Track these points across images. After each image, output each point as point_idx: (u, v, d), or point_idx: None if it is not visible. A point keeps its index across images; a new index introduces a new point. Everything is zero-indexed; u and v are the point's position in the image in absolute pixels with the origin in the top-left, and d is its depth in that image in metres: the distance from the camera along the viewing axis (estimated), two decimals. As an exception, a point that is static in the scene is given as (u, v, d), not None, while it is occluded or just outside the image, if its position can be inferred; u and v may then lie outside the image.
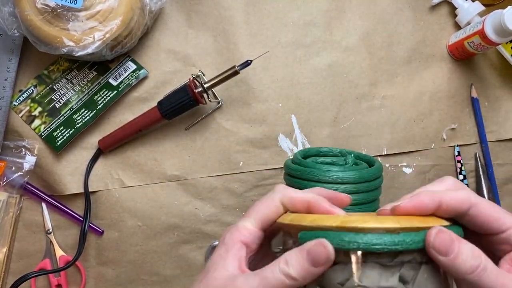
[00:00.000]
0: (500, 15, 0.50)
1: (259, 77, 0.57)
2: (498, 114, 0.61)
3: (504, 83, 0.61)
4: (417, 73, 0.60)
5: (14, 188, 0.55)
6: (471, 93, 0.60)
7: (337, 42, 0.59)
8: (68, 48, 0.49)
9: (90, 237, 0.56)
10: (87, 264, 0.56)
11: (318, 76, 0.58)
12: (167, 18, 0.58)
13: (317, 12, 0.59)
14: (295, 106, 0.58)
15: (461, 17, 0.59)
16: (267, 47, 0.58)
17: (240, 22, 0.58)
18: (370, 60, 0.59)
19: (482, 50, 0.55)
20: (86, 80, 0.56)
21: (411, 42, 0.59)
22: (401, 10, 0.60)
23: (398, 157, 0.59)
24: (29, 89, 0.56)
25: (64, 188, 0.56)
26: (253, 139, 0.57)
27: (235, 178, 0.57)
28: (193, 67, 0.57)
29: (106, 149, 0.56)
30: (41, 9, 0.48)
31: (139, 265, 0.56)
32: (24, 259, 0.56)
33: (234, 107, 0.58)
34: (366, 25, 0.59)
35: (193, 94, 0.52)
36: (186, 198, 0.57)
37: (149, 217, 0.56)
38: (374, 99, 0.59)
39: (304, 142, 0.58)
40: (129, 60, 0.57)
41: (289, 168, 0.47)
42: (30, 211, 0.56)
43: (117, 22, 0.50)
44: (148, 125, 0.55)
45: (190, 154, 0.57)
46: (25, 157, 0.55)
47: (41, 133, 0.55)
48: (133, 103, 0.57)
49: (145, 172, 0.57)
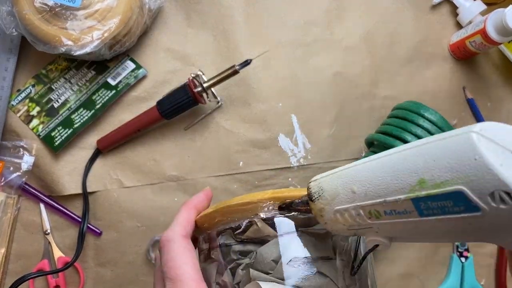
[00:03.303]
0: (502, 14, 0.50)
1: (259, 77, 0.57)
2: (500, 114, 0.60)
3: (506, 82, 0.61)
4: (418, 73, 0.59)
5: (12, 188, 0.54)
6: (465, 95, 0.60)
7: (338, 41, 0.58)
8: (66, 47, 0.48)
9: (88, 238, 0.56)
10: (86, 265, 0.56)
11: (319, 75, 0.58)
12: (166, 17, 0.58)
13: (317, 11, 0.58)
14: (296, 106, 0.57)
15: (463, 16, 0.58)
16: (267, 46, 0.57)
17: (240, 21, 0.57)
18: (371, 59, 0.59)
19: (483, 49, 0.55)
20: (85, 79, 0.56)
21: (412, 42, 0.59)
22: (402, 10, 0.59)
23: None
24: (27, 89, 0.56)
25: (62, 188, 0.55)
26: (253, 139, 0.57)
27: (235, 178, 0.57)
28: (193, 67, 0.57)
29: (105, 149, 0.55)
30: (39, 8, 0.48)
31: (138, 266, 0.56)
32: (22, 260, 0.56)
33: (234, 107, 0.57)
34: (367, 24, 0.59)
35: (193, 94, 0.52)
36: (185, 198, 0.56)
37: (148, 218, 0.56)
38: (375, 99, 0.58)
39: (304, 142, 0.57)
40: (128, 59, 0.56)
41: (402, 105, 0.52)
42: (28, 211, 0.56)
43: (116, 21, 0.49)
44: (147, 125, 0.55)
45: (190, 154, 0.57)
46: (23, 157, 0.55)
47: (39, 133, 0.55)
48: (132, 103, 0.57)
49: (144, 172, 0.56)
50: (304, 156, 0.57)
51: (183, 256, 0.28)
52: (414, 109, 0.50)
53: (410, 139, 0.48)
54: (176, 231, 0.30)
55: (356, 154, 0.58)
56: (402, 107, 0.52)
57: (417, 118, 0.49)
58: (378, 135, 0.51)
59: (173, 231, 0.30)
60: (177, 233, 0.30)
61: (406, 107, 0.51)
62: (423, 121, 0.49)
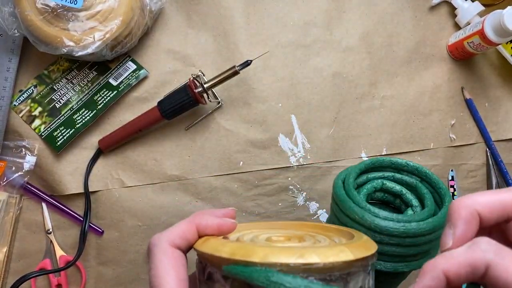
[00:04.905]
0: (500, 15, 0.50)
1: (259, 77, 0.58)
2: (498, 114, 0.61)
3: (504, 83, 0.61)
4: (416, 73, 0.60)
5: (14, 188, 0.55)
6: (463, 96, 0.60)
7: (337, 42, 0.59)
8: (68, 48, 0.49)
9: (90, 237, 0.56)
10: (87, 264, 0.56)
11: (318, 76, 0.58)
12: (167, 18, 0.58)
13: (317, 12, 0.59)
14: (295, 106, 0.58)
15: (461, 17, 0.59)
16: (267, 47, 0.58)
17: (240, 22, 0.58)
18: (370, 60, 0.59)
19: (481, 50, 0.55)
20: (86, 80, 0.56)
21: (411, 42, 0.60)
22: (401, 10, 0.60)
23: (397, 157, 0.59)
24: (29, 89, 0.56)
25: (64, 188, 0.56)
26: (253, 139, 0.57)
27: (235, 178, 0.57)
28: (193, 67, 0.58)
29: (106, 149, 0.56)
30: (41, 9, 0.48)
31: (140, 265, 0.56)
32: (24, 259, 0.56)
33: (234, 107, 0.58)
34: (366, 25, 0.59)
35: (193, 94, 0.52)
36: (186, 198, 0.57)
37: (149, 217, 0.56)
38: (374, 99, 0.59)
39: (304, 142, 0.58)
40: (129, 60, 0.57)
41: (334, 190, 0.40)
42: (30, 211, 0.56)
43: (117, 22, 0.50)
44: (148, 125, 0.55)
45: (190, 154, 0.57)
46: (25, 157, 0.55)
47: (41, 133, 0.55)
48: (133, 103, 0.57)
49: (145, 172, 0.57)
50: (304, 156, 0.58)
51: (167, 265, 0.26)
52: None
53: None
54: (164, 236, 0.28)
55: (355, 154, 0.58)
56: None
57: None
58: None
59: (161, 235, 0.28)
60: (164, 239, 0.27)
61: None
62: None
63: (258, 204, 0.57)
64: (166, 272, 0.26)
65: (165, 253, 0.27)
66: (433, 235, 0.35)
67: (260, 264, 0.22)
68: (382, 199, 0.42)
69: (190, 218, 0.29)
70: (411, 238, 0.34)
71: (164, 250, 0.27)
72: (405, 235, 0.34)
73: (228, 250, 0.24)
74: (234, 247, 0.24)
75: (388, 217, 0.35)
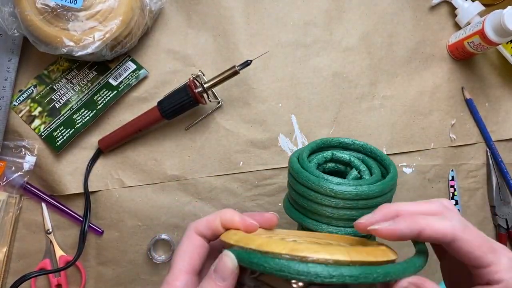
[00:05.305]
0: (500, 15, 0.50)
1: (259, 77, 0.57)
2: (498, 114, 0.61)
3: (504, 82, 0.61)
4: (417, 73, 0.60)
5: (14, 188, 0.55)
6: (464, 96, 0.60)
7: (337, 42, 0.59)
8: (68, 48, 0.49)
9: (90, 237, 0.56)
10: (87, 264, 0.56)
11: (318, 76, 0.58)
12: (167, 18, 0.58)
13: (317, 12, 0.59)
14: (295, 106, 0.58)
15: (461, 17, 0.59)
16: (267, 47, 0.58)
17: (240, 22, 0.58)
18: (370, 60, 0.59)
19: (482, 50, 0.55)
20: (86, 80, 0.56)
21: (411, 42, 0.60)
22: (401, 10, 0.60)
23: (397, 157, 0.59)
24: (29, 89, 0.56)
25: (64, 188, 0.56)
26: (253, 139, 0.57)
27: (235, 178, 0.57)
28: (193, 67, 0.57)
29: (106, 149, 0.56)
30: (41, 9, 0.48)
31: (139, 265, 0.56)
32: (24, 259, 0.56)
33: (234, 107, 0.58)
34: (366, 25, 0.59)
35: (193, 94, 0.52)
36: (186, 198, 0.57)
37: (149, 217, 0.56)
38: (374, 99, 0.59)
39: (304, 142, 0.58)
40: (129, 60, 0.57)
41: (289, 165, 0.43)
42: (30, 211, 0.56)
43: (117, 22, 0.50)
44: (148, 125, 0.55)
45: (190, 154, 0.57)
46: (25, 157, 0.55)
47: (41, 133, 0.55)
48: (133, 103, 0.57)
49: (145, 172, 0.57)
50: (304, 156, 0.58)
51: (186, 247, 0.29)
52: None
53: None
54: (194, 223, 0.31)
55: (356, 154, 0.58)
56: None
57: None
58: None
59: (193, 222, 0.31)
60: (193, 226, 0.30)
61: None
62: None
63: (258, 204, 0.57)
64: (183, 253, 0.29)
65: (189, 237, 0.30)
66: (383, 197, 0.39)
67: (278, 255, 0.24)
68: (333, 169, 0.44)
69: (217, 211, 0.32)
70: (364, 200, 0.37)
71: (189, 235, 0.30)
72: (358, 197, 0.37)
73: (256, 242, 0.26)
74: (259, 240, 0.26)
75: (340, 182, 0.37)
